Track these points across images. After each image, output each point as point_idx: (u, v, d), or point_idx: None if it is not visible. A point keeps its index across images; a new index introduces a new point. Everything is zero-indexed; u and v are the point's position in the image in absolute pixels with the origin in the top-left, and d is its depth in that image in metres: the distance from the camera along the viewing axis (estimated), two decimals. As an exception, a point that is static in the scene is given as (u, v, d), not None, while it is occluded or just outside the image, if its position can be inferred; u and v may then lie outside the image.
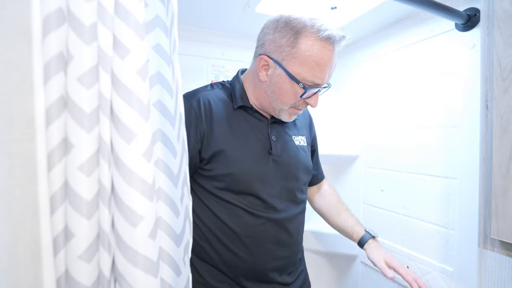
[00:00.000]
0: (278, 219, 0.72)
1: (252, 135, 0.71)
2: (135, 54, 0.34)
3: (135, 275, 0.35)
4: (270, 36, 0.66)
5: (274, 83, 0.67)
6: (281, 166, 0.73)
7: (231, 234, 0.69)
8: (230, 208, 0.69)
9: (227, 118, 0.70)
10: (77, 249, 0.32)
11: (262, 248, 0.70)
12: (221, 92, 0.74)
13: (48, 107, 0.32)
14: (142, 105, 0.35)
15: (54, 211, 0.33)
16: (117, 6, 0.34)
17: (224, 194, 0.68)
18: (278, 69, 0.65)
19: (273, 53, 0.65)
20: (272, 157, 0.72)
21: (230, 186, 0.68)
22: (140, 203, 0.34)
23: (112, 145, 0.34)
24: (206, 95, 0.71)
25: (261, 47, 0.68)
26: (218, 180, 0.68)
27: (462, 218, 0.84)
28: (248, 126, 0.72)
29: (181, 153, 0.45)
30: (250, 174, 0.68)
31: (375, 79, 1.17)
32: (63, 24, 0.33)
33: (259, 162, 0.70)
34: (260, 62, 0.67)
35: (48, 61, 0.32)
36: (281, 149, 0.74)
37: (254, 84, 0.73)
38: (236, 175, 0.66)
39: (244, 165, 0.67)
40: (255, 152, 0.70)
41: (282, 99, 0.68)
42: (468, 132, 0.82)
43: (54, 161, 0.33)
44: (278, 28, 0.65)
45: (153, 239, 0.36)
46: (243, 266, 0.70)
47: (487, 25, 0.66)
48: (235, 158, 0.67)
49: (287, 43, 0.63)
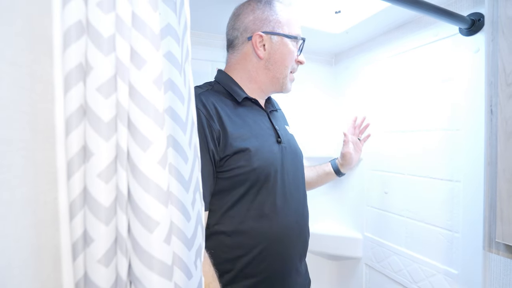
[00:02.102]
0: (298, 205, 0.75)
1: (262, 126, 0.73)
2: (151, 64, 0.35)
3: (151, 279, 0.36)
4: (250, 17, 0.73)
5: (273, 52, 0.73)
6: (289, 154, 0.76)
7: (260, 235, 0.68)
8: (253, 206, 0.68)
9: (234, 115, 0.70)
10: (96, 253, 0.33)
11: (289, 240, 0.71)
12: (214, 92, 0.73)
13: (68, 116, 0.34)
14: (158, 114, 0.36)
15: (73, 217, 0.34)
16: (134, 17, 0.35)
17: (245, 194, 0.67)
18: (274, 37, 0.73)
19: (262, 28, 0.72)
20: (281, 146, 0.75)
21: (252, 182, 0.67)
22: (156, 209, 0.35)
23: (129, 152, 0.35)
24: (206, 95, 0.70)
25: (245, 31, 0.73)
26: (240, 178, 0.66)
27: (466, 221, 0.85)
28: (255, 118, 0.74)
29: (192, 159, 0.46)
30: (271, 166, 0.69)
31: (379, 82, 1.18)
32: (82, 36, 0.34)
33: (275, 152, 0.72)
34: (255, 40, 0.72)
35: (69, 72, 0.33)
36: (285, 138, 0.78)
37: (249, 70, 0.75)
38: (259, 169, 0.66)
39: (265, 158, 0.68)
40: (270, 143, 0.72)
41: (284, 62, 0.74)
42: (472, 135, 0.83)
43: (73, 169, 0.34)
44: (255, 7, 0.73)
45: (168, 244, 0.37)
46: (275, 262, 0.69)
47: (491, 30, 0.67)
48: (256, 152, 0.67)
49: (269, 14, 0.72)
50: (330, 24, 1.12)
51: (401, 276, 1.06)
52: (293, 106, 1.33)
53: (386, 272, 1.13)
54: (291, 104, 1.30)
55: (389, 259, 1.12)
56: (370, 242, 1.22)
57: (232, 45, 0.77)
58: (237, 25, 0.74)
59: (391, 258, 1.11)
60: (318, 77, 1.43)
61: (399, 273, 1.08)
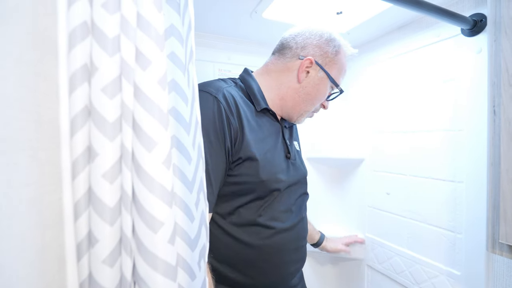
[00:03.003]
0: (298, 223, 0.74)
1: (274, 139, 0.72)
2: (155, 64, 0.36)
3: (155, 279, 0.36)
4: (315, 41, 0.73)
5: (312, 85, 0.73)
6: (296, 170, 0.76)
7: (253, 250, 0.67)
8: (252, 221, 0.67)
9: (253, 120, 0.68)
10: (101, 254, 0.33)
11: (285, 255, 0.70)
12: (238, 91, 0.71)
13: (73, 117, 0.34)
14: (162, 114, 0.36)
15: (78, 217, 0.34)
16: (139, 18, 0.35)
17: (247, 204, 0.66)
18: (320, 72, 0.73)
19: (318, 57, 0.72)
20: (290, 161, 0.74)
21: (258, 194, 0.66)
22: (161, 209, 0.35)
23: (133, 152, 0.35)
24: (230, 92, 0.67)
25: (303, 49, 0.73)
26: (245, 186, 0.65)
27: (469, 222, 0.85)
28: (270, 129, 0.72)
29: (196, 159, 0.46)
30: (280, 181, 0.68)
31: (381, 83, 1.18)
32: (87, 36, 0.34)
33: (284, 168, 0.71)
34: (304, 63, 0.72)
35: (74, 73, 0.33)
36: (293, 153, 0.77)
37: (281, 84, 0.74)
38: (267, 182, 0.66)
39: (275, 172, 0.67)
40: (280, 157, 0.71)
41: (314, 100, 0.75)
42: (474, 136, 0.83)
43: (78, 169, 0.34)
44: (324, 38, 0.73)
45: (172, 244, 0.37)
46: (269, 278, 0.69)
47: (494, 31, 0.67)
48: (265, 165, 0.66)
49: (332, 51, 0.73)
50: (331, 25, 1.12)
51: (403, 278, 1.06)
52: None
53: (388, 273, 1.13)
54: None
55: (391, 260, 1.11)
56: (372, 243, 1.22)
57: (281, 52, 0.75)
58: (299, 38, 0.73)
59: (393, 259, 1.11)
60: (320, 78, 1.43)
61: (401, 274, 1.07)
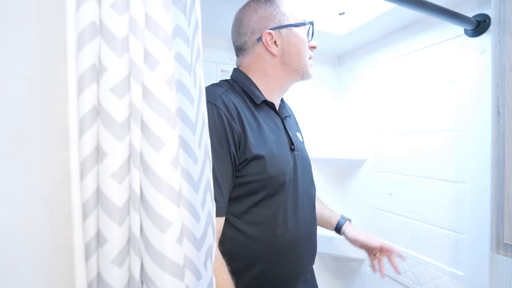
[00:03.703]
0: (308, 215, 0.74)
1: (277, 133, 0.72)
2: (163, 65, 0.36)
3: (163, 279, 0.36)
4: (254, 18, 0.72)
5: (286, 45, 0.72)
6: (301, 161, 0.75)
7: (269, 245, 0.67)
8: (264, 216, 0.67)
9: (253, 118, 0.69)
10: (110, 253, 0.33)
11: (299, 249, 0.71)
12: (233, 92, 0.72)
13: (81, 117, 0.34)
14: (170, 114, 0.36)
15: (86, 217, 0.34)
16: (147, 18, 0.35)
17: (260, 202, 0.67)
18: (283, 31, 0.72)
19: (269, 25, 0.72)
20: (294, 153, 0.73)
21: (268, 191, 0.66)
22: (169, 209, 0.35)
23: (141, 152, 0.35)
24: (228, 95, 0.68)
25: (253, 34, 0.72)
26: (255, 185, 0.66)
27: (472, 222, 0.85)
28: (271, 123, 0.72)
29: (203, 159, 0.46)
30: (287, 174, 0.69)
31: (384, 83, 1.18)
32: (96, 37, 0.34)
33: (289, 160, 0.71)
34: (265, 39, 0.71)
35: (82, 73, 0.33)
36: (297, 145, 0.76)
37: (265, 69, 0.74)
38: (275, 177, 0.66)
39: (281, 166, 0.68)
40: (285, 150, 0.71)
41: (300, 51, 0.73)
42: (478, 136, 0.83)
43: (87, 169, 0.34)
44: (256, 7, 0.73)
45: (180, 244, 0.37)
46: (284, 272, 0.69)
47: (498, 31, 0.67)
48: (272, 160, 0.66)
49: (271, 9, 0.72)
50: (334, 26, 1.12)
51: (406, 278, 1.06)
52: (295, 107, 1.33)
53: (391, 273, 1.13)
54: (293, 104, 1.30)
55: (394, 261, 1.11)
56: (374, 243, 1.21)
57: (241, 50, 0.75)
58: (242, 30, 0.73)
59: (396, 260, 1.11)
60: (322, 78, 1.43)
61: (404, 275, 1.07)
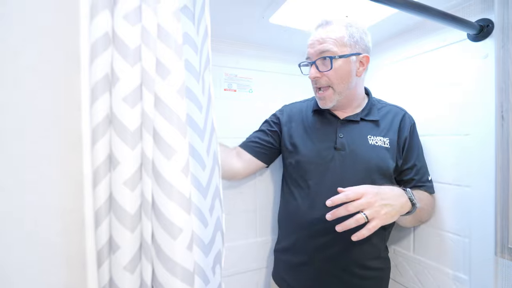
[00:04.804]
0: None
1: (321, 132, 0.88)
2: (174, 74, 0.36)
3: (174, 285, 0.36)
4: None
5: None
6: (348, 161, 0.83)
7: None
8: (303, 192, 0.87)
9: (302, 120, 0.93)
10: (122, 260, 0.34)
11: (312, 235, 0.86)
12: (309, 102, 0.97)
13: (94, 126, 0.34)
14: (181, 122, 0.37)
15: (99, 224, 0.34)
16: (159, 29, 0.36)
17: (297, 181, 0.88)
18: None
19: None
20: (337, 152, 0.84)
21: (299, 172, 0.86)
22: (180, 216, 0.36)
23: (153, 160, 0.36)
24: (294, 105, 1.00)
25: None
26: (291, 166, 0.89)
27: (476, 226, 0.85)
28: (318, 125, 0.90)
29: (211, 166, 0.47)
30: (311, 163, 0.85)
31: (386, 87, 1.18)
32: (108, 47, 0.35)
33: (324, 155, 0.84)
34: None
35: (95, 83, 0.34)
36: (348, 146, 0.84)
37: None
38: (302, 162, 0.85)
39: (308, 154, 0.86)
40: (322, 146, 0.86)
41: None
42: (481, 140, 0.83)
43: (99, 177, 0.34)
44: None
45: (190, 251, 0.37)
46: None
47: (501, 36, 0.68)
48: (302, 148, 0.87)
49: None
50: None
51: (410, 282, 1.06)
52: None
53: (394, 277, 1.13)
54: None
55: (397, 264, 1.11)
56: (377, 246, 1.21)
57: None
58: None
59: (399, 263, 1.11)
60: (324, 81, 1.43)
61: (407, 278, 1.07)
